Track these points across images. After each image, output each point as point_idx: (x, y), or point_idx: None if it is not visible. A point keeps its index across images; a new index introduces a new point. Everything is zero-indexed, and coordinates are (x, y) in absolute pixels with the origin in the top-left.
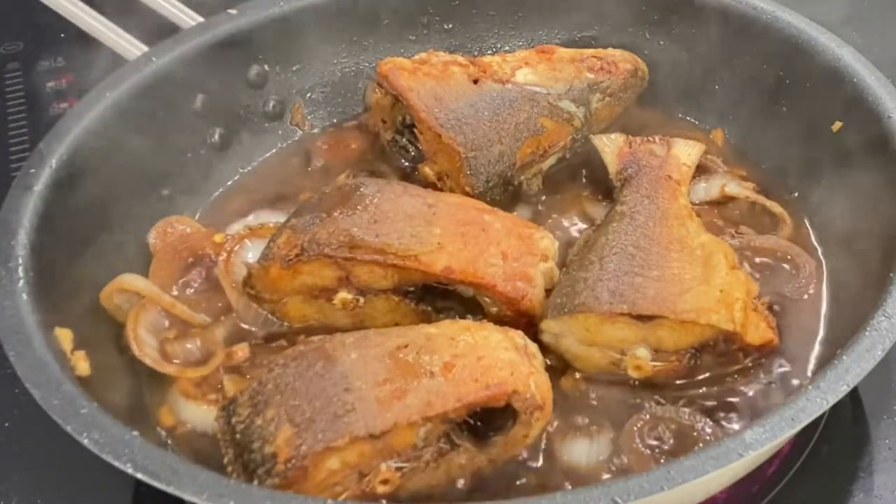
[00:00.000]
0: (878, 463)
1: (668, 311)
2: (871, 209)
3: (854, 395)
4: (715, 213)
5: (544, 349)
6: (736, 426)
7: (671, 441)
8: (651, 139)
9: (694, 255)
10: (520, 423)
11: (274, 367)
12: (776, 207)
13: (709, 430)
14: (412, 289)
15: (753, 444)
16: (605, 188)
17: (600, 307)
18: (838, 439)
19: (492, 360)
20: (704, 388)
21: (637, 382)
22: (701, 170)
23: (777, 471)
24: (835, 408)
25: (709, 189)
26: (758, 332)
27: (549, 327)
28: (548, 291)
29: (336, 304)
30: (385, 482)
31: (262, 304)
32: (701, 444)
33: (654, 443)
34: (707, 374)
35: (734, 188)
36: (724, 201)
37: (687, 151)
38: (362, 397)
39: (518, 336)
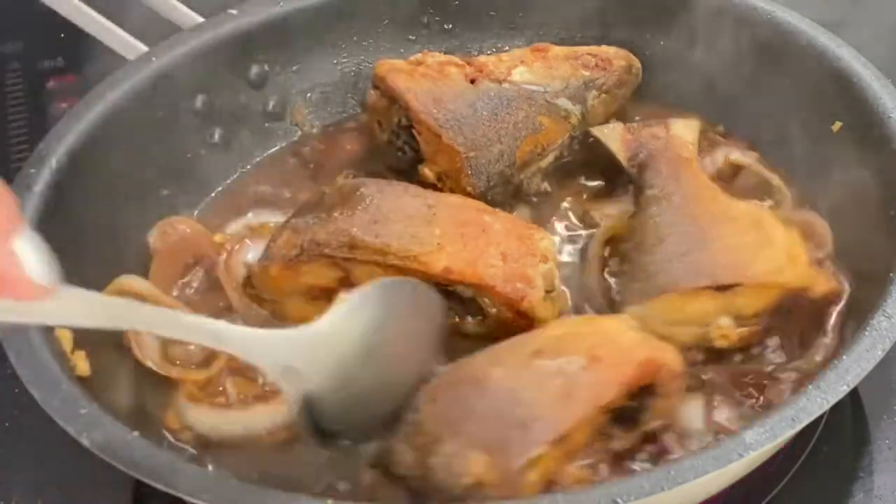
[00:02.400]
0: (878, 463)
1: (746, 277)
2: (871, 209)
3: (854, 395)
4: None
5: None
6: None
7: (749, 407)
8: (647, 123)
9: (743, 223)
10: (662, 395)
11: (420, 406)
12: (774, 179)
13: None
14: None
15: (753, 445)
16: (604, 186)
17: (684, 283)
18: (838, 439)
19: (625, 341)
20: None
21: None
22: (702, 144)
23: (777, 471)
24: (835, 408)
25: (714, 161)
26: (823, 282)
27: (634, 313)
28: (547, 293)
29: None
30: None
31: (263, 305)
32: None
33: (733, 414)
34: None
35: (738, 156)
36: (730, 175)
37: (686, 129)
38: (534, 404)
39: (631, 318)
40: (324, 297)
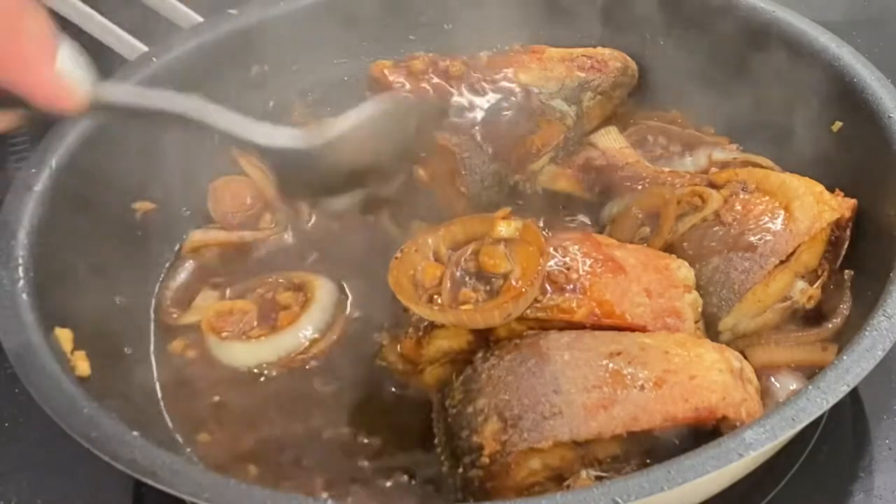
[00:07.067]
0: (878, 463)
1: (801, 236)
2: (870, 209)
3: (854, 395)
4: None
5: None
6: None
7: None
8: (568, 154)
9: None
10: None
11: (490, 356)
12: (767, 162)
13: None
14: None
15: (753, 445)
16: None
17: (761, 273)
18: (838, 439)
19: (704, 380)
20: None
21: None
22: (684, 143)
23: (777, 471)
24: (835, 408)
25: (696, 161)
26: (846, 203)
27: (727, 324)
28: (695, 323)
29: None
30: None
31: (396, 373)
32: None
33: None
34: None
35: (720, 154)
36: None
37: (609, 137)
38: (570, 401)
39: (735, 358)
40: (461, 358)
